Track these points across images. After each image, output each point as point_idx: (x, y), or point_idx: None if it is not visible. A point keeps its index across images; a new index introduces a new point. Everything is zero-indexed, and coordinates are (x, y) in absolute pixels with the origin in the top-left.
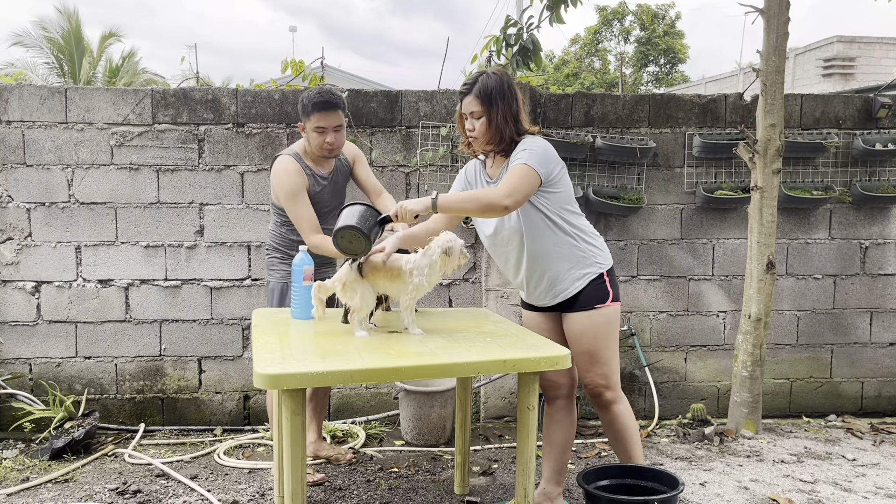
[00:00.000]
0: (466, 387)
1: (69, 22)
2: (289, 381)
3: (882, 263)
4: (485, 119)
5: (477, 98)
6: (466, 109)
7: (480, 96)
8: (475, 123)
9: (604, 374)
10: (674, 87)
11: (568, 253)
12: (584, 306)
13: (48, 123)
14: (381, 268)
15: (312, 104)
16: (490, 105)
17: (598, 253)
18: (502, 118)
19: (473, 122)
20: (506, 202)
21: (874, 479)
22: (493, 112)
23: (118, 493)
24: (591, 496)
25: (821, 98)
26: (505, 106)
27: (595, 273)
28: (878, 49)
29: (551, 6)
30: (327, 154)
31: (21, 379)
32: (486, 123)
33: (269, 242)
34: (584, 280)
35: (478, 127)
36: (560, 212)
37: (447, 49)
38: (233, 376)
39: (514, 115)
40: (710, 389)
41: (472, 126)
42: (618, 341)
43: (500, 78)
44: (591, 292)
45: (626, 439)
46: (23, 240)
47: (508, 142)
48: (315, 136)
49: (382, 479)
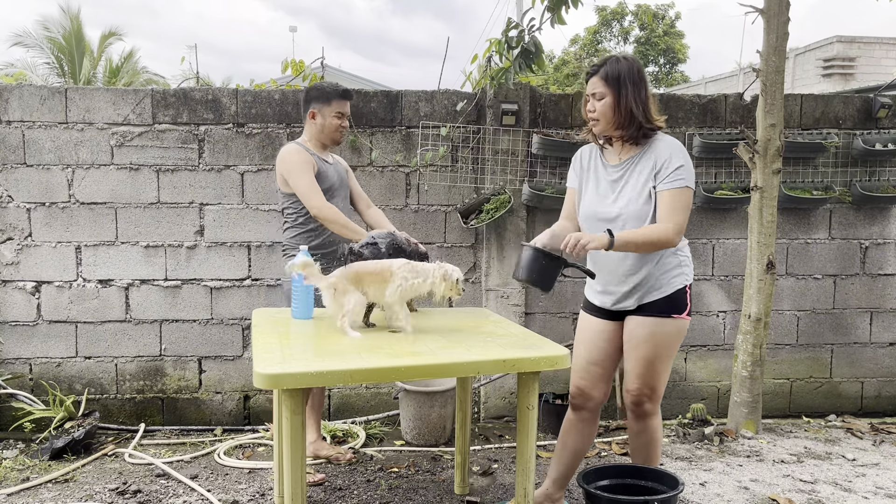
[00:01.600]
0: (466, 387)
1: (71, 21)
2: (289, 381)
3: (882, 263)
4: (610, 100)
5: (602, 79)
6: (590, 90)
7: (607, 78)
8: (597, 105)
9: (652, 387)
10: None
11: (668, 255)
12: (661, 312)
13: (48, 123)
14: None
15: (337, 92)
16: (618, 87)
17: (688, 263)
18: (633, 101)
19: (595, 103)
20: (676, 240)
21: (874, 479)
22: (620, 95)
23: (118, 493)
24: (591, 496)
25: (821, 98)
26: (634, 90)
27: (681, 284)
28: (878, 49)
29: (552, 7)
30: (338, 139)
31: (21, 379)
32: (611, 105)
33: (282, 245)
34: (673, 286)
35: (599, 108)
36: None
37: (447, 49)
38: (233, 376)
39: (644, 102)
40: (710, 389)
41: (593, 107)
42: (674, 357)
43: (630, 63)
44: (674, 299)
45: (652, 450)
46: (23, 240)
47: (637, 128)
48: (333, 121)
49: (382, 479)
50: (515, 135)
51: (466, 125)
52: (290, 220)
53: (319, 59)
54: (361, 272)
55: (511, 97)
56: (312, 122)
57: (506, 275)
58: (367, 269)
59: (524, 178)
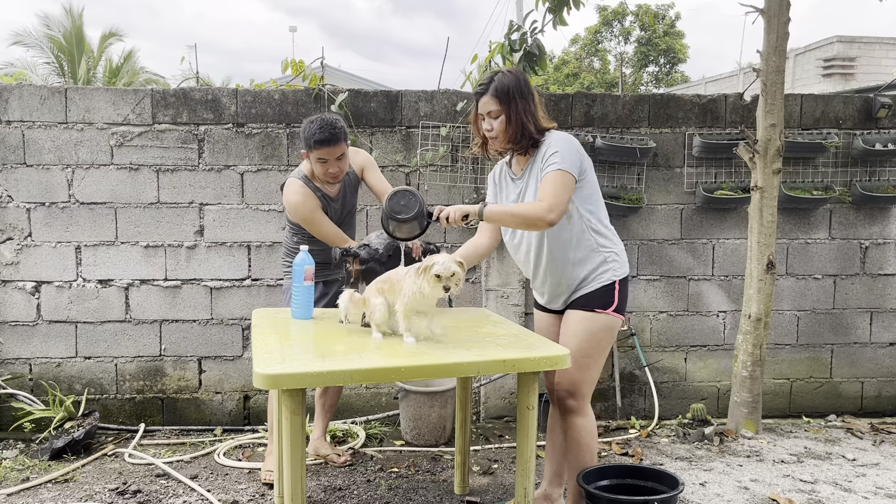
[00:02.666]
0: (466, 387)
1: (72, 21)
2: (288, 381)
3: (882, 263)
4: (503, 118)
5: (494, 97)
6: (483, 109)
7: (498, 95)
8: (493, 123)
9: (573, 381)
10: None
11: (588, 257)
12: (584, 306)
13: (48, 123)
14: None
15: (314, 141)
16: (508, 103)
17: (616, 258)
18: (523, 115)
19: (491, 121)
20: (549, 217)
21: (874, 479)
22: (511, 110)
23: (118, 493)
24: (591, 496)
25: (821, 98)
26: (524, 103)
27: (608, 280)
28: (878, 49)
29: (554, 9)
30: (331, 181)
31: (21, 379)
32: (504, 122)
33: (283, 250)
34: (596, 283)
35: (496, 126)
36: (583, 208)
37: (447, 49)
38: (233, 376)
39: (533, 113)
40: (710, 389)
41: (490, 126)
42: (604, 358)
43: (515, 76)
44: (599, 295)
45: (578, 452)
46: (23, 240)
47: (528, 139)
48: (318, 166)
49: (382, 479)
50: None
51: (466, 125)
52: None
53: (319, 58)
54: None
55: None
56: (307, 161)
57: (506, 275)
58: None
59: None
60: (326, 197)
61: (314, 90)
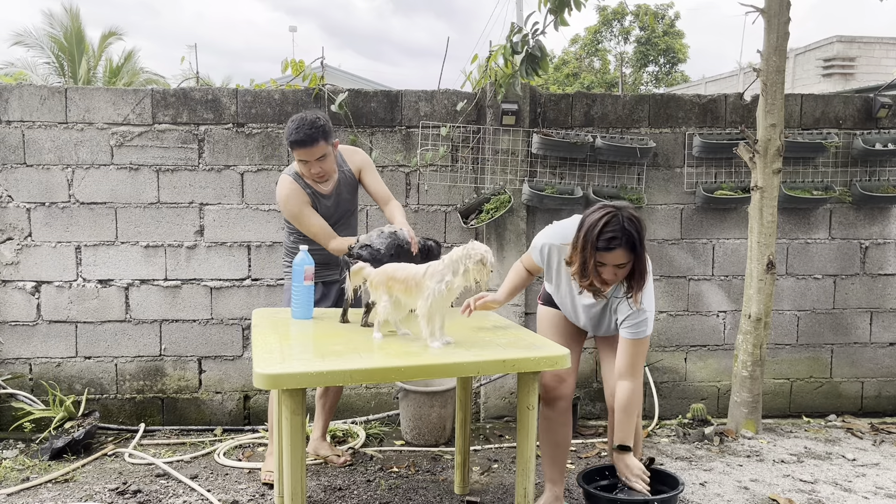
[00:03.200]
0: (466, 387)
1: (72, 20)
2: (288, 381)
3: (882, 263)
4: (631, 265)
5: (627, 249)
6: (614, 261)
7: (631, 247)
8: (618, 272)
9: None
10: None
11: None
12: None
13: (48, 123)
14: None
15: (290, 142)
16: (638, 252)
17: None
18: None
19: (617, 270)
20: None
21: (874, 479)
22: (638, 258)
23: (118, 493)
24: (591, 496)
25: (821, 98)
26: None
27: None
28: (878, 49)
29: (554, 10)
30: (317, 181)
31: (21, 379)
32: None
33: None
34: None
35: (620, 274)
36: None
37: (447, 49)
38: (233, 376)
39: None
40: (710, 389)
41: (614, 274)
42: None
43: (637, 219)
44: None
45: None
46: (23, 240)
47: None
48: (300, 166)
49: (382, 479)
50: (515, 135)
51: (466, 125)
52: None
53: (319, 58)
54: (390, 279)
55: (511, 97)
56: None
57: (506, 275)
58: (395, 277)
59: (524, 177)
60: (317, 194)
61: (314, 90)
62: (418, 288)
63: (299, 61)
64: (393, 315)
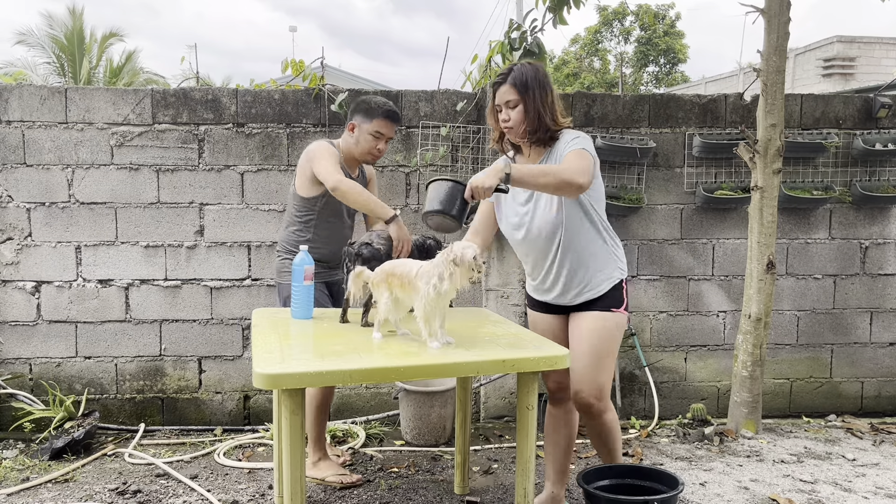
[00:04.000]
0: (466, 387)
1: (73, 21)
2: (288, 381)
3: (882, 263)
4: (521, 107)
5: (513, 86)
6: (501, 99)
7: (517, 84)
8: (510, 113)
9: (598, 385)
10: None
11: (600, 252)
12: (601, 307)
13: (48, 123)
14: (394, 274)
15: (383, 111)
16: (526, 92)
17: (622, 258)
18: (540, 105)
19: (509, 111)
20: (581, 180)
21: (874, 479)
22: (529, 99)
23: (118, 493)
24: (591, 496)
25: (821, 98)
26: (542, 93)
27: (619, 278)
28: (878, 49)
29: (554, 8)
30: (371, 161)
31: (21, 379)
32: (522, 112)
33: (280, 245)
34: (610, 283)
35: (513, 116)
36: (596, 208)
37: (447, 49)
38: (233, 376)
39: (551, 105)
40: (710, 389)
41: (507, 116)
42: (616, 354)
43: (535, 67)
44: (611, 295)
45: (612, 441)
46: (23, 240)
47: (545, 130)
48: (369, 140)
49: (382, 479)
50: None
51: (466, 125)
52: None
53: (319, 58)
54: (389, 276)
55: None
56: (350, 134)
57: (506, 275)
58: (394, 273)
59: None
60: (345, 169)
61: (314, 90)
62: (412, 286)
63: (299, 61)
64: (393, 314)
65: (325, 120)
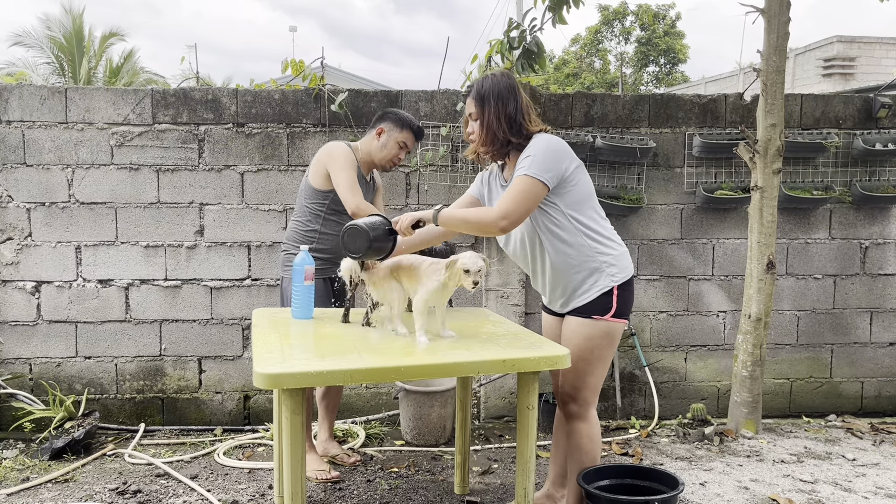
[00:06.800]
0: (466, 387)
1: (72, 21)
2: (289, 381)
3: (882, 263)
4: (480, 120)
5: (473, 99)
6: (467, 112)
7: (475, 97)
8: (474, 126)
9: (575, 387)
10: (674, 87)
11: (584, 261)
12: (584, 314)
13: (48, 123)
14: (403, 266)
15: (415, 126)
16: (483, 105)
17: (614, 263)
18: (493, 118)
19: (473, 124)
20: (501, 224)
21: (874, 479)
22: (484, 113)
23: (118, 493)
24: (591, 496)
25: (821, 98)
26: (498, 105)
27: (606, 287)
28: (878, 49)
29: (553, 7)
30: (388, 168)
31: (21, 379)
32: (479, 125)
33: (287, 237)
34: (594, 292)
35: (476, 129)
36: (574, 212)
37: (447, 49)
38: (233, 376)
39: (510, 116)
40: (710, 389)
41: (471, 129)
42: (606, 364)
43: (497, 78)
44: (598, 302)
45: (579, 456)
46: (23, 240)
47: (502, 144)
48: (394, 148)
49: (382, 479)
50: None
51: None
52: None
53: (319, 58)
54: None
55: None
56: (376, 138)
57: (506, 275)
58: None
59: None
60: (360, 171)
61: (314, 90)
62: (417, 277)
63: (299, 61)
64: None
65: (325, 120)
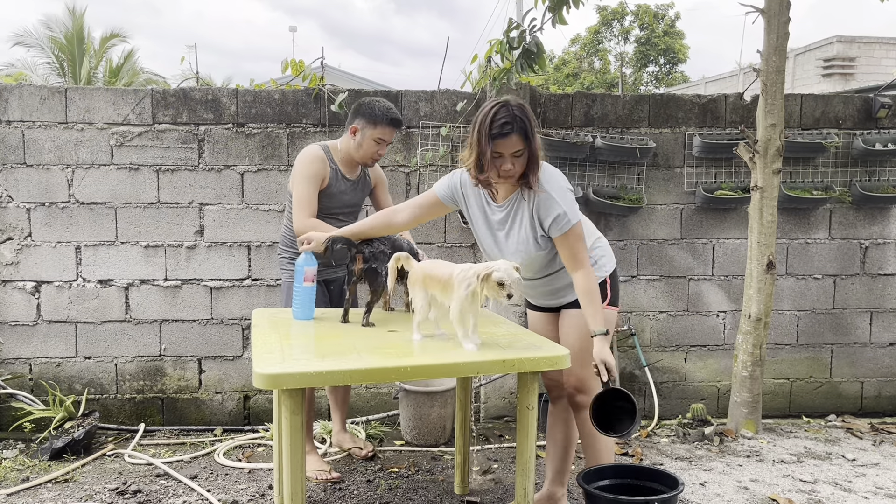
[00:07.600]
0: (466, 387)
1: (73, 21)
2: (288, 381)
3: (882, 263)
4: (526, 154)
5: (521, 136)
6: (508, 150)
7: (521, 132)
8: (516, 162)
9: (579, 378)
10: (674, 87)
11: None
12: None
13: (48, 123)
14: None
15: (388, 118)
16: (530, 140)
17: (604, 252)
18: (537, 150)
19: (514, 160)
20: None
21: (874, 479)
22: (532, 145)
23: (118, 493)
24: (591, 496)
25: (821, 98)
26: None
27: (600, 278)
28: (878, 49)
29: (553, 7)
30: (370, 164)
31: (21, 379)
32: (526, 158)
33: (281, 240)
34: None
35: (518, 165)
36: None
37: (447, 49)
38: (233, 376)
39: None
40: (710, 389)
41: (511, 165)
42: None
43: (526, 109)
44: None
45: (597, 441)
46: (23, 240)
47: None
48: (371, 145)
49: (382, 479)
50: None
51: (466, 125)
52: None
53: (319, 58)
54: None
55: (506, 93)
56: (351, 137)
57: None
58: (432, 275)
59: None
60: (341, 173)
61: (314, 90)
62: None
63: (299, 61)
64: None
65: (325, 120)
